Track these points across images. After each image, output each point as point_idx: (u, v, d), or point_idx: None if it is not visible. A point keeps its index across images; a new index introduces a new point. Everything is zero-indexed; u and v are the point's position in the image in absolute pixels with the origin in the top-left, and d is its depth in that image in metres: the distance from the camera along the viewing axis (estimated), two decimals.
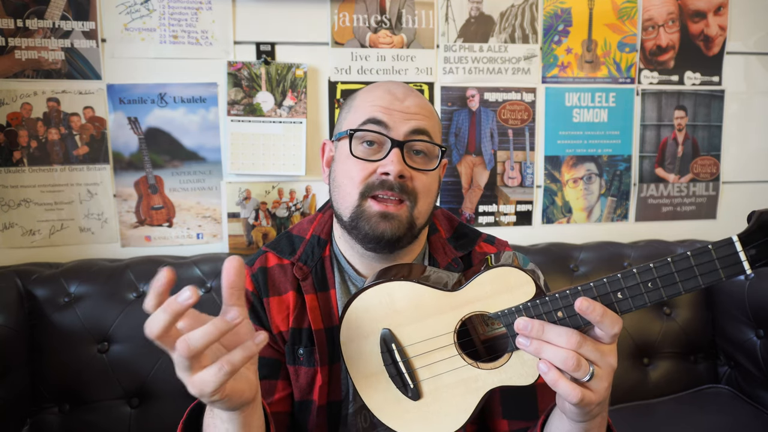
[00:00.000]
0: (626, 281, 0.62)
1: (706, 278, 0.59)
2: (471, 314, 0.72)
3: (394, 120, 0.85)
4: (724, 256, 0.57)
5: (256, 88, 1.64)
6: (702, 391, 1.67)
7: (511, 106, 1.81)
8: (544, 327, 0.64)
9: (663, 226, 1.93)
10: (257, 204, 1.69)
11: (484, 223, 1.84)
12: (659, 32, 1.87)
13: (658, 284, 0.60)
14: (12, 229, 1.57)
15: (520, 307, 0.67)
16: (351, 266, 0.93)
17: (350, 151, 0.86)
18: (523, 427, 0.88)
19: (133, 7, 1.57)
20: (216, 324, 0.55)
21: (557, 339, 0.63)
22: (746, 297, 1.59)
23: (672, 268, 0.60)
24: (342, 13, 1.69)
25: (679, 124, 1.91)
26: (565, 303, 0.64)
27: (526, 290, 0.68)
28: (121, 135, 1.60)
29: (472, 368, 0.73)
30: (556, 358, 0.63)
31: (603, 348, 0.63)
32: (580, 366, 0.62)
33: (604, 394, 0.64)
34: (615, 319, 0.62)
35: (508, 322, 0.68)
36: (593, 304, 0.61)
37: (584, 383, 0.63)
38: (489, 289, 0.70)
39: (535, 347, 0.65)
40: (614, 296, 0.62)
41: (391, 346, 0.75)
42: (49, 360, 1.36)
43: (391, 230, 0.83)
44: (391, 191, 0.82)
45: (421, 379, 0.75)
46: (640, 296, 0.61)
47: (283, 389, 0.90)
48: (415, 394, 0.75)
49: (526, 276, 0.68)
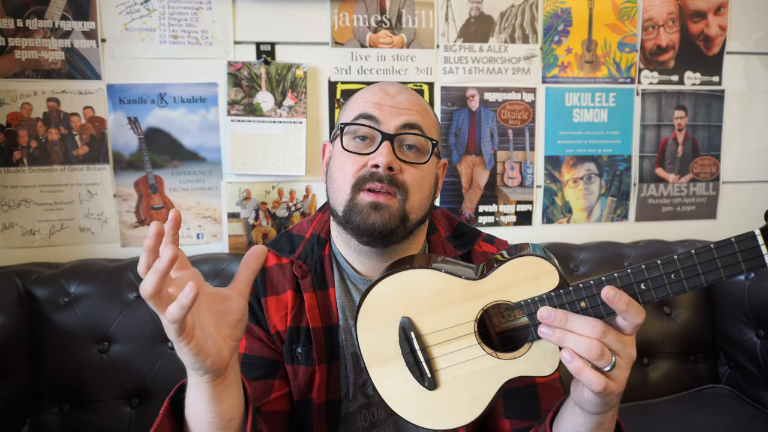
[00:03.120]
0: (650, 272, 0.62)
1: (728, 271, 0.60)
2: (493, 303, 0.71)
3: (385, 114, 0.86)
4: (746, 249, 0.58)
5: (256, 88, 1.64)
6: (702, 391, 1.67)
7: (511, 106, 1.81)
8: (567, 316, 0.65)
9: (663, 226, 1.93)
10: (257, 204, 1.69)
11: (484, 223, 1.84)
12: (659, 32, 1.87)
13: (681, 276, 0.61)
14: (12, 229, 1.57)
15: (543, 296, 0.67)
16: (349, 265, 0.94)
17: (342, 145, 0.87)
18: (525, 427, 0.88)
19: (133, 7, 1.58)
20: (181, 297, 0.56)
21: (581, 328, 0.64)
22: (746, 297, 1.59)
23: (695, 260, 0.60)
24: (342, 13, 1.69)
25: (679, 124, 1.91)
26: (588, 293, 0.65)
27: (549, 280, 0.68)
28: (121, 135, 1.60)
29: (491, 358, 0.72)
30: (579, 346, 0.63)
31: (624, 339, 0.64)
32: (604, 355, 0.62)
33: (624, 384, 0.65)
34: (639, 309, 0.63)
35: (530, 311, 0.68)
36: (619, 292, 0.62)
37: (606, 372, 0.63)
38: (512, 279, 0.70)
39: (558, 336, 0.65)
40: (637, 287, 0.63)
41: (410, 334, 0.74)
42: (49, 360, 1.36)
43: (382, 221, 0.82)
44: (381, 183, 0.83)
45: (438, 369, 0.75)
46: (663, 288, 0.62)
47: (280, 388, 0.90)
48: (431, 383, 0.75)
49: (550, 266, 0.68)
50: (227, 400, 0.69)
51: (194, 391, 0.67)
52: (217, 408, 0.68)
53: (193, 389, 0.67)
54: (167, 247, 0.56)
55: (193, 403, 0.68)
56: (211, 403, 0.67)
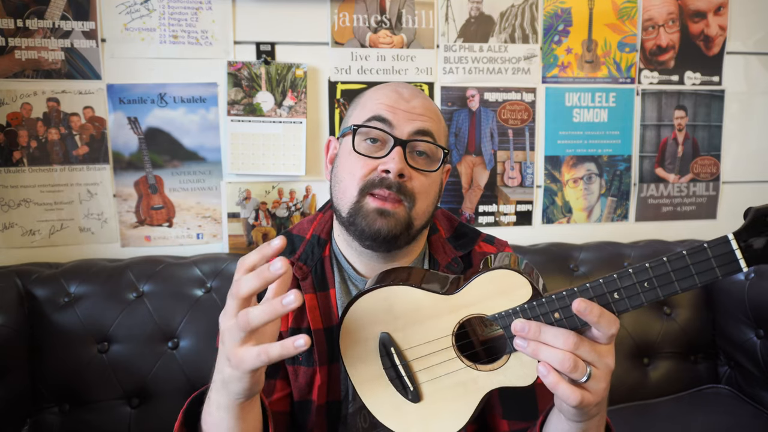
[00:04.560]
0: (622, 281, 0.61)
1: (702, 277, 0.59)
2: (469, 317, 0.72)
3: (399, 119, 0.85)
4: (720, 254, 0.57)
5: (256, 88, 1.64)
6: (702, 391, 1.67)
7: (511, 106, 1.81)
8: (541, 328, 0.64)
9: (663, 226, 1.93)
10: (257, 204, 1.69)
11: (484, 223, 1.84)
12: (659, 32, 1.87)
13: (655, 284, 0.60)
14: (12, 229, 1.57)
15: (517, 309, 0.67)
16: (350, 265, 0.93)
17: (353, 146, 0.86)
18: (523, 427, 0.88)
19: (133, 7, 1.57)
20: (273, 305, 0.58)
21: (554, 340, 0.63)
22: (746, 297, 1.59)
23: (668, 267, 0.59)
24: (342, 13, 1.69)
25: (679, 124, 1.91)
26: (561, 304, 0.64)
27: (523, 292, 0.68)
28: (121, 135, 1.60)
29: (471, 370, 0.73)
30: (553, 359, 0.62)
31: (600, 349, 0.63)
32: (577, 367, 0.62)
33: (602, 394, 0.64)
34: (612, 319, 0.62)
35: (505, 324, 0.68)
36: (590, 305, 0.61)
37: (582, 384, 0.63)
38: (486, 292, 0.70)
39: (533, 348, 0.65)
40: (611, 296, 0.62)
41: (390, 349, 0.75)
42: (49, 360, 1.36)
43: (388, 227, 0.82)
44: (389, 190, 0.82)
45: (420, 382, 0.75)
46: (636, 296, 0.61)
47: (281, 389, 0.90)
48: (415, 396, 0.76)
49: (522, 278, 0.68)
50: (252, 417, 0.70)
51: (223, 412, 0.67)
52: (243, 425, 0.69)
53: (222, 410, 0.67)
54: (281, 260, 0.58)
55: (219, 422, 0.68)
56: (238, 422, 0.68)
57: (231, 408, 0.66)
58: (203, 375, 1.39)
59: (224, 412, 0.67)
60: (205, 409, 0.71)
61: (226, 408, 0.67)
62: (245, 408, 0.68)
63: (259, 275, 0.58)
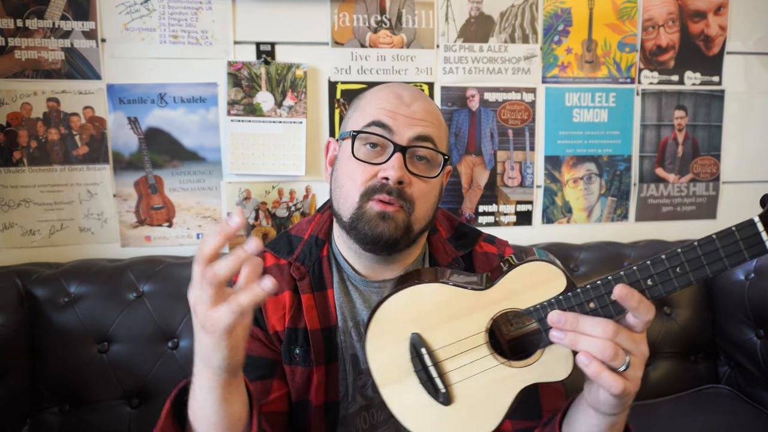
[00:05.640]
0: (655, 267, 0.63)
1: (731, 259, 0.60)
2: (502, 312, 0.71)
3: (399, 124, 0.85)
4: (747, 236, 0.59)
5: (256, 88, 1.64)
6: (702, 391, 1.67)
7: (511, 106, 1.81)
8: (578, 318, 0.65)
9: (663, 226, 1.93)
10: (257, 204, 1.69)
11: (484, 223, 1.84)
12: (659, 32, 1.87)
13: (686, 268, 0.62)
14: (12, 229, 1.57)
15: (552, 301, 0.67)
16: (350, 266, 0.93)
17: (352, 152, 0.86)
18: (527, 427, 0.88)
19: (133, 7, 1.57)
20: (237, 253, 0.59)
21: (592, 329, 0.63)
22: (746, 297, 1.59)
23: (699, 251, 0.61)
24: (342, 13, 1.69)
25: (679, 124, 1.91)
26: (596, 294, 0.64)
27: (557, 284, 0.68)
28: (121, 135, 1.60)
29: (504, 367, 0.72)
30: (593, 348, 0.63)
31: (636, 337, 0.64)
32: (618, 355, 0.62)
33: (639, 383, 0.65)
34: (649, 305, 0.63)
35: (540, 316, 0.68)
36: (631, 290, 0.62)
37: (622, 373, 0.63)
38: (519, 285, 0.69)
39: (571, 339, 0.65)
40: (644, 283, 0.63)
41: (420, 350, 0.73)
42: (49, 360, 1.36)
43: (389, 231, 0.82)
44: (390, 195, 0.82)
45: (452, 383, 0.74)
46: (669, 282, 0.63)
47: (278, 389, 0.89)
48: (446, 398, 0.74)
49: (556, 269, 0.68)
50: (237, 400, 0.69)
51: (206, 393, 0.67)
52: (227, 408, 0.68)
53: (205, 391, 0.67)
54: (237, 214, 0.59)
55: (202, 406, 0.68)
56: (222, 404, 0.67)
57: (214, 388, 0.66)
58: None
59: (207, 393, 0.66)
60: (191, 394, 0.70)
61: (209, 389, 0.66)
62: (228, 388, 0.67)
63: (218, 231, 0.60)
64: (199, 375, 0.67)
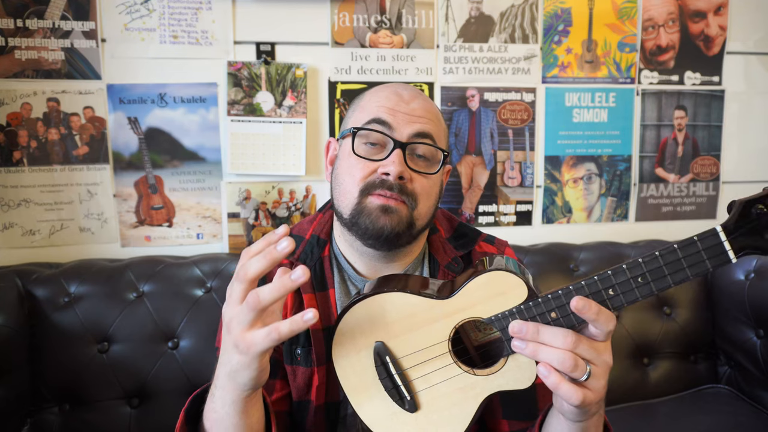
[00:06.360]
0: (617, 277, 0.62)
1: (693, 270, 0.60)
2: (464, 321, 0.71)
3: (398, 121, 0.86)
4: (710, 246, 0.58)
5: (256, 88, 1.64)
6: (702, 391, 1.67)
7: (511, 106, 1.81)
8: (539, 329, 0.64)
9: (663, 226, 1.93)
10: (257, 204, 1.69)
11: (484, 223, 1.84)
12: (659, 32, 1.87)
13: (648, 278, 0.61)
14: (12, 229, 1.57)
15: (513, 310, 0.67)
16: (351, 266, 0.93)
17: (352, 149, 0.86)
18: (524, 427, 0.88)
19: (133, 7, 1.57)
20: (283, 281, 0.58)
21: (553, 340, 0.63)
22: (746, 297, 1.59)
23: (660, 261, 0.60)
24: (342, 13, 1.69)
25: (679, 124, 1.91)
26: (557, 303, 0.64)
27: (518, 293, 0.67)
28: (121, 135, 1.60)
29: (468, 375, 0.72)
30: (553, 359, 0.62)
31: (598, 346, 0.64)
32: (578, 366, 0.62)
33: (602, 392, 0.65)
34: (609, 316, 0.62)
35: (502, 326, 0.68)
36: (588, 302, 0.61)
37: (583, 383, 0.63)
38: (480, 295, 0.69)
39: (532, 349, 0.64)
40: (606, 293, 0.63)
41: (385, 358, 0.74)
42: (49, 360, 1.36)
43: (391, 225, 0.82)
44: (390, 191, 0.83)
45: (417, 391, 0.74)
46: (631, 291, 0.62)
47: (281, 389, 0.90)
48: (412, 406, 0.74)
49: (517, 279, 0.67)
50: (255, 412, 0.70)
51: (228, 406, 0.67)
52: (247, 420, 0.69)
53: (227, 405, 0.67)
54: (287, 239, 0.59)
55: (222, 418, 0.68)
56: (243, 416, 0.68)
57: (236, 402, 0.66)
58: (203, 375, 1.39)
59: (230, 407, 0.67)
60: (208, 406, 0.71)
61: (231, 403, 0.67)
62: (250, 402, 0.68)
63: (266, 255, 0.59)
64: (222, 389, 0.67)
